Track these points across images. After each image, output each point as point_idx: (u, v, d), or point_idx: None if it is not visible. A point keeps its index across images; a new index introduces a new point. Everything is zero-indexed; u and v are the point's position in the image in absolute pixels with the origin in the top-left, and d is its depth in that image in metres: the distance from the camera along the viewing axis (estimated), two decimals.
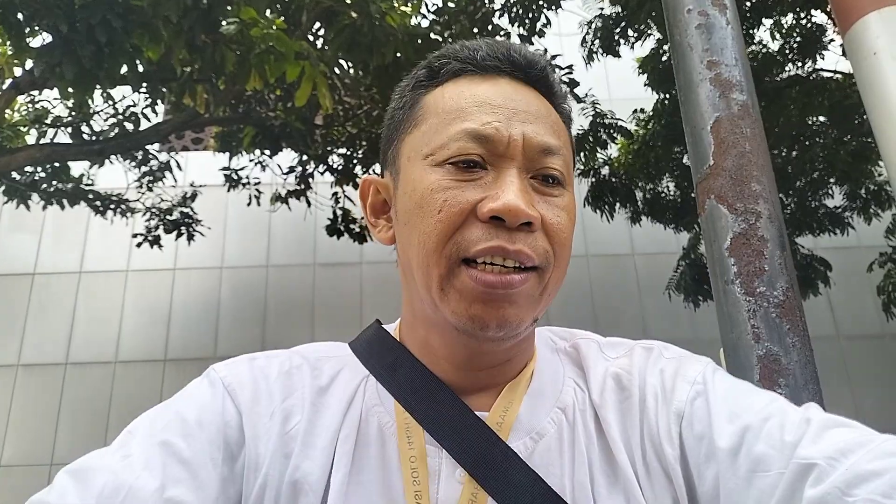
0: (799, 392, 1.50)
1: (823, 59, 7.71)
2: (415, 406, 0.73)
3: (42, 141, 7.57)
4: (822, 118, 7.82)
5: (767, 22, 7.65)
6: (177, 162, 8.83)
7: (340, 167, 8.46)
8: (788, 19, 7.69)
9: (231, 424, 0.70)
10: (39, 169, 7.81)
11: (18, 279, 10.23)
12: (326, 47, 6.34)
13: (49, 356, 9.90)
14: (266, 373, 0.75)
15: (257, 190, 8.67)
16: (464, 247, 0.67)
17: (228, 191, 8.79)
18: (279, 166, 8.55)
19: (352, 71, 6.67)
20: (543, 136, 0.70)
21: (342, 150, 8.48)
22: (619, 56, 7.87)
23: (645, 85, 7.76)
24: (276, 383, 0.74)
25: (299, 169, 8.48)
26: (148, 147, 8.45)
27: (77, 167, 8.33)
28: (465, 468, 0.68)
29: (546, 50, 7.15)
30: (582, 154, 7.94)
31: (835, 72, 7.58)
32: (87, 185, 8.38)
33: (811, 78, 7.60)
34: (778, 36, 7.75)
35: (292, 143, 7.93)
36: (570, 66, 7.00)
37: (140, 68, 5.20)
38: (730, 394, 0.70)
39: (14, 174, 7.56)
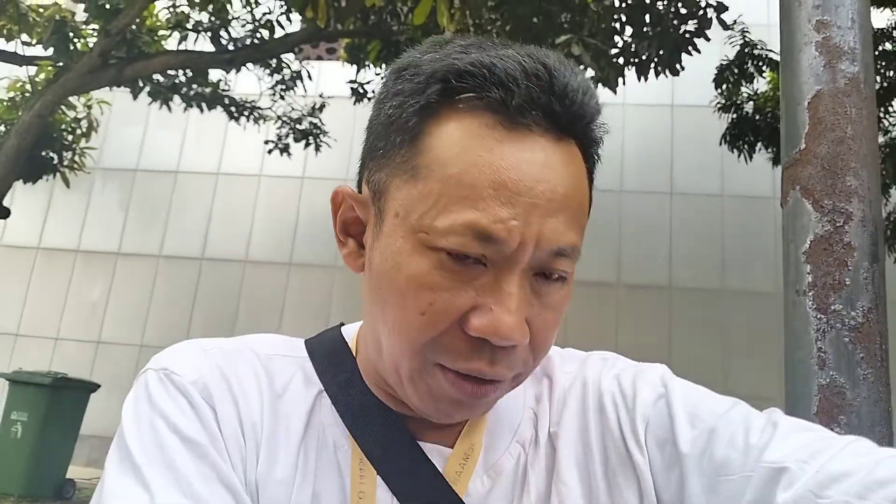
0: (863, 435, 1.27)
1: None
2: (367, 442, 0.68)
3: (182, 45, 7.91)
4: None
5: None
6: (307, 72, 8.98)
7: None
8: None
9: (219, 434, 0.65)
10: (181, 73, 8.20)
11: (163, 176, 11.01)
12: None
13: (187, 250, 10.71)
14: (225, 373, 0.68)
15: None
16: (442, 355, 0.60)
17: (355, 104, 8.87)
18: None
19: None
20: (561, 234, 0.59)
21: None
22: None
23: None
24: (237, 387, 0.68)
25: None
26: (282, 56, 8.64)
27: (215, 73, 8.68)
28: None
29: None
30: (724, 87, 7.28)
31: None
32: (223, 90, 8.74)
33: None
34: None
35: None
36: None
37: None
38: (690, 398, 0.67)
39: (158, 77, 7.99)
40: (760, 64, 6.90)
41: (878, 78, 6.39)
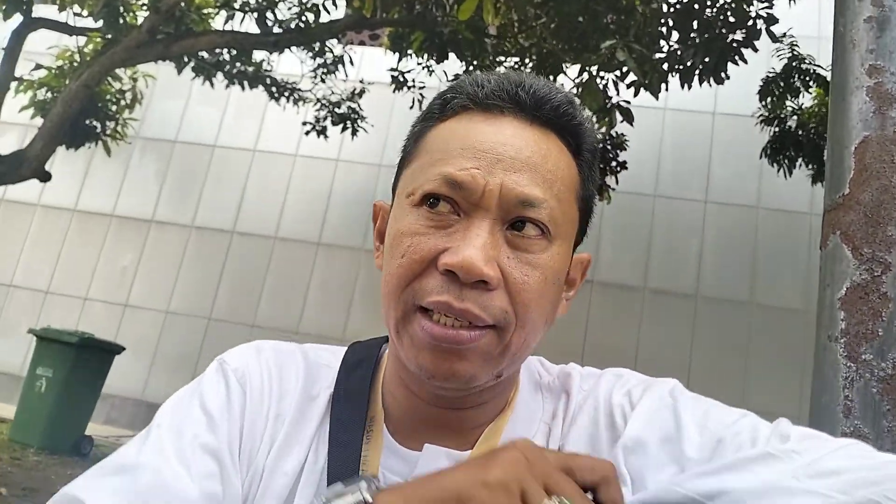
0: None
1: None
2: (333, 444, 0.72)
3: (230, 23, 7.98)
4: None
5: None
6: (349, 57, 9.02)
7: None
8: None
9: (241, 416, 0.73)
10: (225, 51, 8.28)
11: (201, 149, 11.15)
12: None
13: (219, 222, 10.85)
14: (270, 368, 0.77)
15: (421, 94, 8.68)
16: (419, 295, 0.66)
17: (394, 91, 8.88)
18: (445, 73, 8.46)
19: None
20: (525, 186, 0.66)
21: (511, 62, 8.22)
22: None
23: None
24: (276, 382, 0.76)
25: None
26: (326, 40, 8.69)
27: (259, 53, 8.76)
28: None
29: None
30: (768, 99, 7.16)
31: None
32: (266, 70, 8.81)
33: None
34: None
35: (459, 52, 7.78)
36: (769, 0, 6.21)
37: None
38: (699, 408, 0.69)
39: (203, 54, 8.08)
40: (807, 79, 6.77)
41: None
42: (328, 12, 8.13)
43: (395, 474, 0.70)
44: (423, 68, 8.58)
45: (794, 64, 6.75)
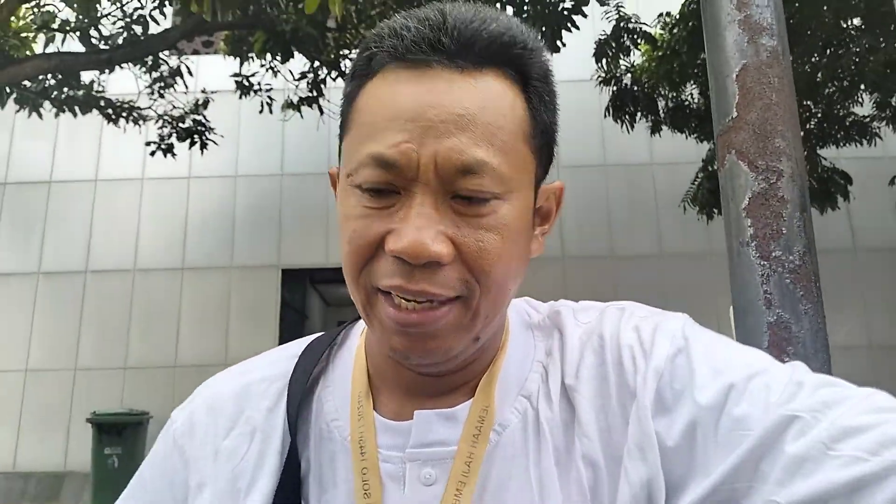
0: (807, 362, 1.46)
1: None
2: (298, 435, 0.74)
3: (50, 46, 7.40)
4: (856, 21, 7.42)
5: None
6: (187, 67, 8.63)
7: None
8: None
9: (177, 480, 0.75)
10: (49, 76, 7.67)
11: (35, 187, 10.27)
12: None
13: (69, 264, 10.07)
14: (215, 406, 0.77)
15: (269, 97, 8.49)
16: (374, 278, 0.64)
17: (240, 97, 8.62)
18: (291, 72, 8.33)
19: None
20: (463, 152, 0.60)
21: (355, 54, 8.23)
22: None
23: None
24: (223, 417, 0.76)
25: (311, 75, 8.26)
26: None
27: (88, 73, 8.18)
28: None
29: None
30: (604, 61, 7.65)
31: None
32: (97, 91, 8.25)
33: None
34: None
35: (304, 50, 7.68)
36: None
37: None
38: (711, 349, 0.67)
39: (26, 82, 7.44)
40: (635, 37, 7.30)
41: None
42: (157, 22, 7.75)
43: (392, 449, 0.69)
44: (268, 70, 8.39)
45: (621, 25, 7.25)
